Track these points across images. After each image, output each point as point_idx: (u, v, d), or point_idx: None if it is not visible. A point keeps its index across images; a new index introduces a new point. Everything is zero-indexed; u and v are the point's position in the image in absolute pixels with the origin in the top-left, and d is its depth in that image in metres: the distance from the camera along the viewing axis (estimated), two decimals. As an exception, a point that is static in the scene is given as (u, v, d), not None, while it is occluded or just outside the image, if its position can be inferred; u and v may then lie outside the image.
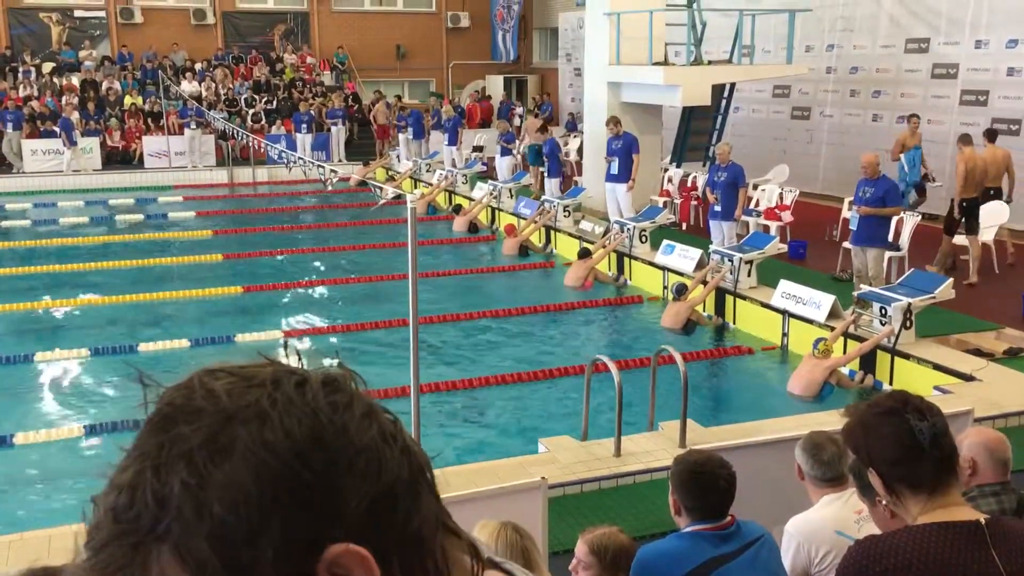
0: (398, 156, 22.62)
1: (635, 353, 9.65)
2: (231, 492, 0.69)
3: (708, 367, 9.74)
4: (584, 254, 12.81)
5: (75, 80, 24.22)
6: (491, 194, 16.77)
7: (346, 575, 0.72)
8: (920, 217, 11.95)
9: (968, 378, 8.06)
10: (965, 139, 11.87)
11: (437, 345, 10.27)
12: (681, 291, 10.74)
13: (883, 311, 8.89)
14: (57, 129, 21.24)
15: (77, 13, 26.06)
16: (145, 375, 0.78)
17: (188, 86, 24.22)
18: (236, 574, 0.69)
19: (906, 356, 8.60)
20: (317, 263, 14.35)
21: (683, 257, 11.93)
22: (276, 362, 0.80)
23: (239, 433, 0.71)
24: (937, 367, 8.31)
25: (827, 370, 8.55)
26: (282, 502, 0.70)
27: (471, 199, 17.46)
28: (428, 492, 0.80)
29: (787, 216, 13.64)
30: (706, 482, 3.22)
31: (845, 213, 12.49)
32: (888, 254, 10.82)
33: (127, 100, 23.83)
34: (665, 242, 12.40)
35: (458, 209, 17.00)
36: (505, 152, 18.64)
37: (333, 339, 10.60)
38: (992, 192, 11.82)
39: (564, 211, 14.79)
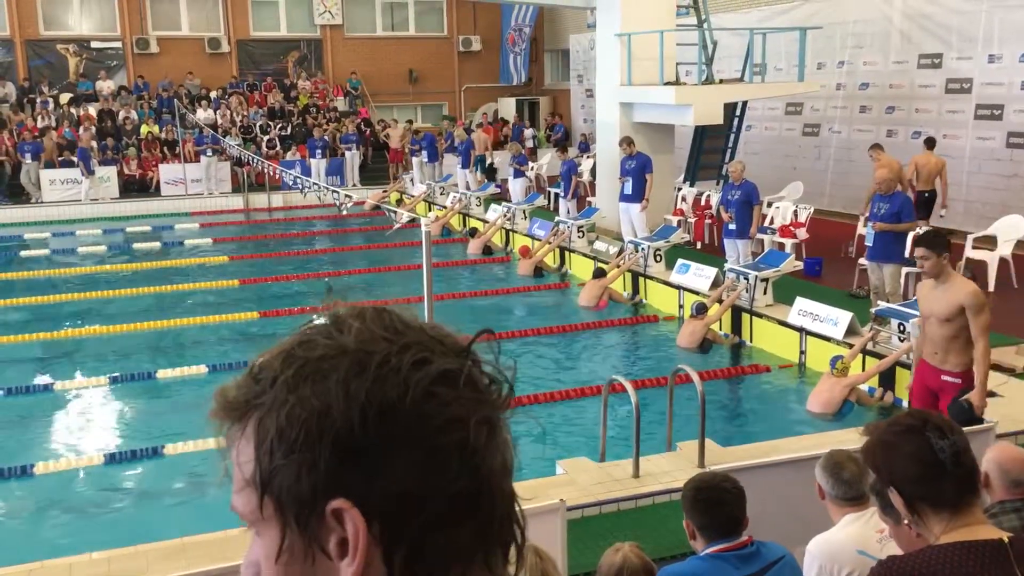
0: (412, 179, 22.73)
1: (652, 373, 9.63)
2: (300, 408, 0.81)
3: (725, 386, 9.70)
4: (599, 274, 12.81)
5: (92, 110, 24.49)
6: (505, 216, 16.82)
7: (339, 528, 0.80)
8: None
9: (989, 394, 7.98)
10: (878, 147, 13.25)
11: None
12: (701, 309, 10.72)
13: (901, 327, 8.83)
14: (75, 159, 21.46)
15: (94, 44, 26.39)
16: (331, 284, 0.93)
17: (203, 114, 24.45)
18: (269, 470, 0.82)
19: (925, 372, 8.52)
20: (333, 287, 14.40)
21: (698, 276, 11.91)
22: (450, 340, 0.89)
23: (339, 368, 0.82)
24: (957, 383, 8.23)
25: (846, 388, 8.49)
26: (325, 442, 0.79)
27: (485, 221, 17.51)
28: (468, 524, 0.83)
29: (802, 233, 13.60)
30: (711, 496, 3.25)
31: (860, 230, 12.45)
32: (905, 270, 10.77)
33: (144, 129, 24.07)
34: (680, 261, 12.39)
35: (473, 232, 17.05)
36: (518, 174, 18.69)
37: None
38: (927, 195, 12.95)
39: (578, 232, 14.81)
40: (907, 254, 10.88)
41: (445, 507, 0.81)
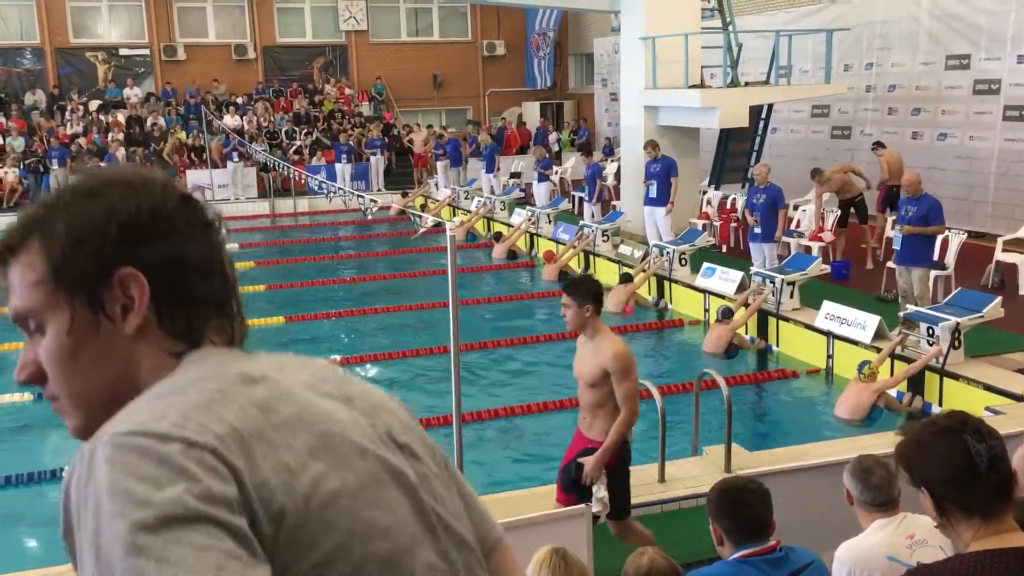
0: (436, 184, 22.80)
1: (677, 377, 9.59)
2: (89, 210, 1.12)
3: (752, 391, 9.64)
4: (626, 279, 12.77)
5: (121, 117, 24.76)
6: (529, 220, 16.82)
7: (122, 296, 1.11)
8: (966, 235, 11.78)
9: (1020, 398, 7.89)
10: (818, 172, 13.71)
11: (478, 372, 10.28)
12: (727, 314, 10.65)
13: (930, 331, 8.75)
14: (103, 165, 21.67)
15: (122, 52, 26.69)
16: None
17: (230, 120, 24.65)
18: (61, 260, 1.10)
19: (955, 377, 8.45)
20: (358, 292, 14.46)
21: (724, 280, 11.85)
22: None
23: (113, 186, 1.15)
24: (988, 387, 8.15)
25: (875, 393, 8.42)
26: (111, 228, 1.11)
27: (509, 225, 17.52)
28: (215, 279, 1.23)
29: (828, 236, 13.50)
30: (736, 498, 3.24)
31: (888, 232, 12.34)
32: (934, 273, 10.66)
33: (171, 135, 24.30)
34: (705, 265, 12.33)
35: (498, 237, 17.07)
36: (542, 178, 18.70)
37: (374, 367, 10.66)
38: (896, 189, 12.53)
39: (603, 236, 14.78)
40: (936, 257, 10.79)
41: (199, 265, 1.17)
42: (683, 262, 12.86)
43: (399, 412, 1.27)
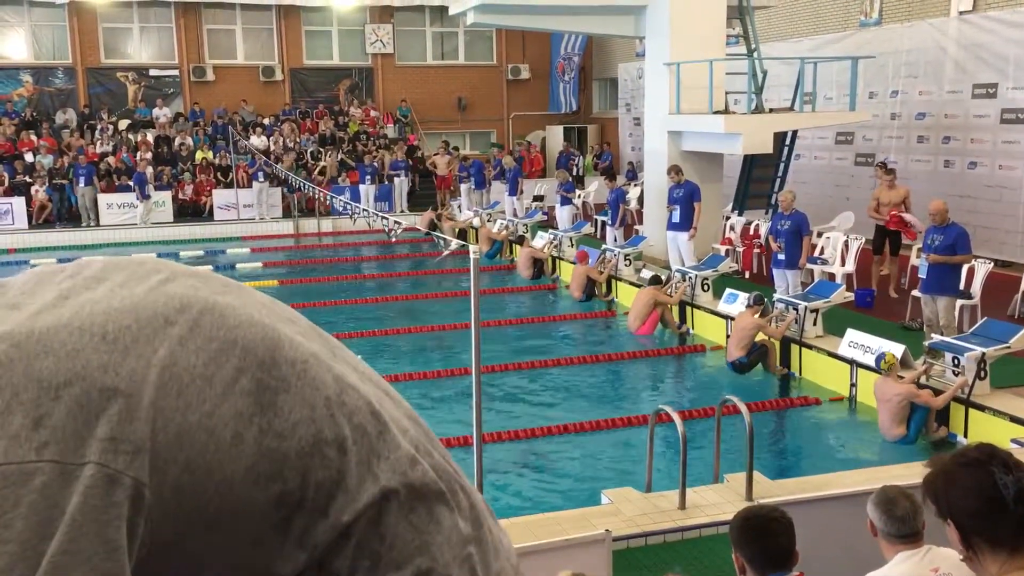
0: (459, 206, 22.88)
1: (699, 403, 9.54)
2: None
3: (774, 418, 9.57)
4: (654, 281, 12.68)
5: (149, 136, 25.06)
6: (552, 243, 16.84)
7: None
8: (992, 264, 11.68)
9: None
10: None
11: (500, 394, 10.27)
12: (759, 301, 10.75)
13: (956, 361, 8.66)
14: (132, 183, 21.96)
15: (152, 72, 27.08)
16: None
17: (257, 140, 24.89)
18: None
19: (981, 408, 8.35)
20: (381, 312, 14.51)
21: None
22: None
23: None
24: (1014, 419, 8.05)
25: (906, 395, 8.39)
26: None
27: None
28: None
29: (851, 266, 13.42)
30: (759, 527, 3.22)
31: (914, 261, 12.26)
32: (960, 302, 10.57)
33: (198, 155, 24.57)
34: (728, 290, 12.29)
35: (520, 240, 17.09)
36: (565, 201, 18.73)
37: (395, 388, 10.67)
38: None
39: (625, 260, 14.77)
40: (962, 286, 10.70)
41: None
42: (706, 287, 12.82)
43: None
